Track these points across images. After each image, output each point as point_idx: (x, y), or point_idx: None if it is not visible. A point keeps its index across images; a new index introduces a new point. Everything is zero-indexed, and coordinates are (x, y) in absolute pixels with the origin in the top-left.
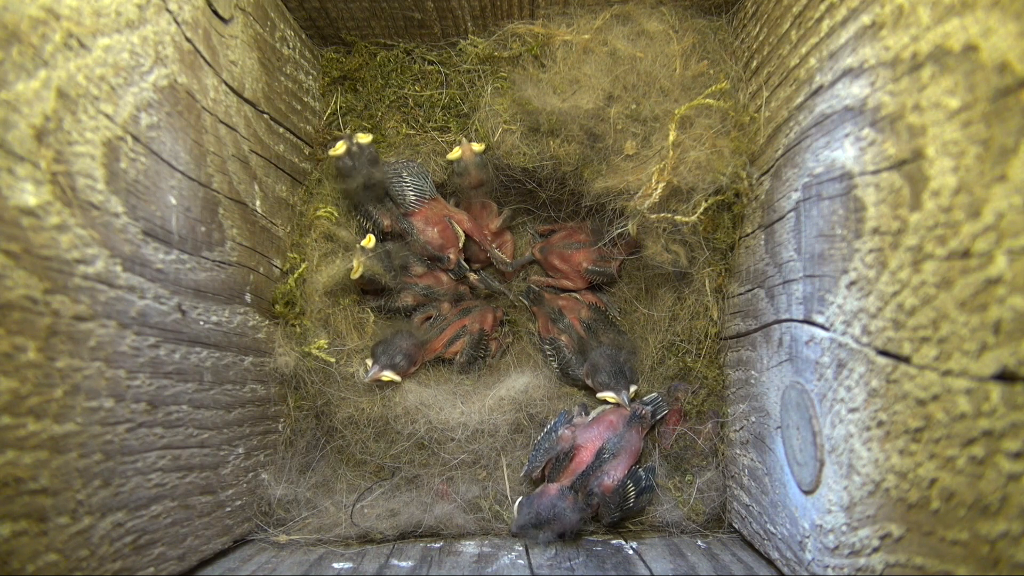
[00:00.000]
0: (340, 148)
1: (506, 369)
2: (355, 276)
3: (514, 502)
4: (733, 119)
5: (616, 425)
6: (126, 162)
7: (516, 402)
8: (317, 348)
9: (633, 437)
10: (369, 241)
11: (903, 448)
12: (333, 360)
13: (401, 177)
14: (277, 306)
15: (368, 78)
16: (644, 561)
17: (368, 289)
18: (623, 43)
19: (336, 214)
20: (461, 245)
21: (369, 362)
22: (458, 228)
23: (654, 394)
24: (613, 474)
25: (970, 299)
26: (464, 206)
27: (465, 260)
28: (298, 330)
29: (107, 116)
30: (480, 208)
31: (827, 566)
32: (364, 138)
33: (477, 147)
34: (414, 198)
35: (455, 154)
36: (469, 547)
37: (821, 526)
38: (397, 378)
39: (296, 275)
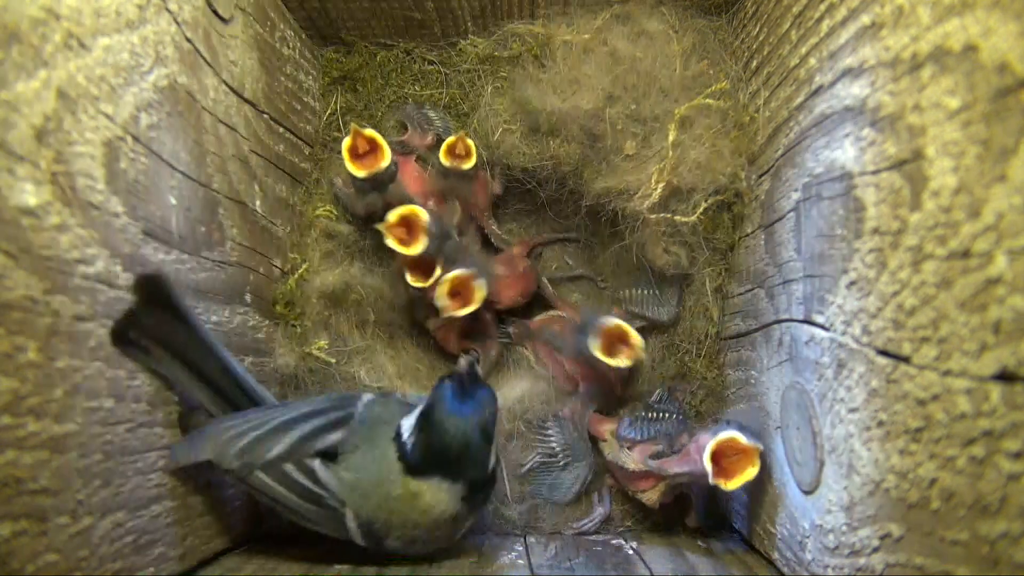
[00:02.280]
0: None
1: (505, 374)
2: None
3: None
4: (733, 119)
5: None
6: (126, 162)
7: (512, 412)
8: (317, 348)
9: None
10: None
11: (903, 448)
12: (333, 361)
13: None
14: (278, 307)
15: (368, 78)
16: (644, 561)
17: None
18: (623, 43)
19: (335, 212)
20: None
21: None
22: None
23: (659, 391)
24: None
25: (970, 299)
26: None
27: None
28: (298, 330)
29: (107, 116)
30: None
31: (827, 566)
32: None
33: (467, 163)
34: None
35: (443, 152)
36: (469, 547)
37: (821, 526)
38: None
39: (296, 275)
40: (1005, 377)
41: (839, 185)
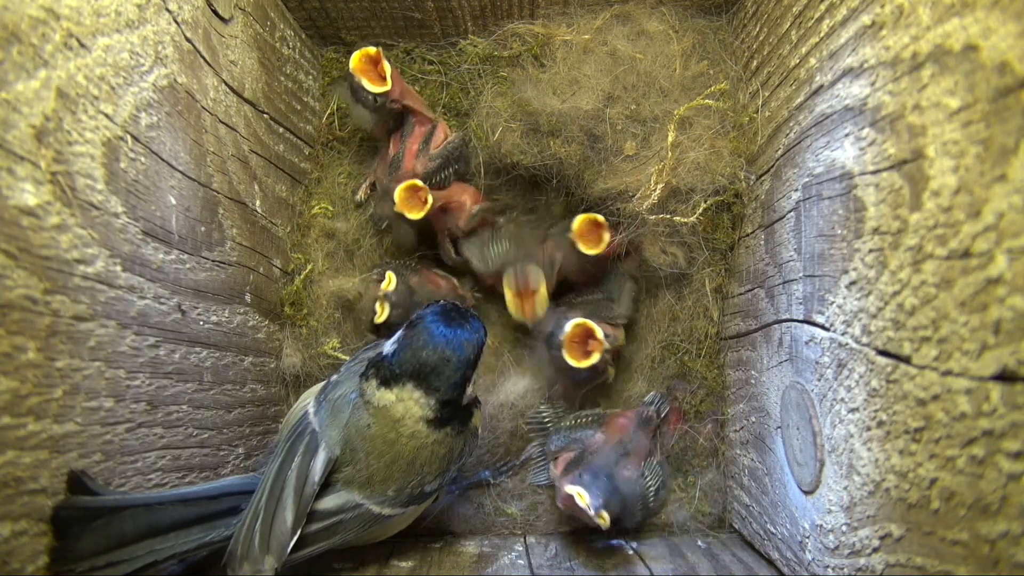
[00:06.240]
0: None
1: (504, 370)
2: (380, 320)
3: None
4: (732, 120)
5: (627, 427)
6: (126, 162)
7: (515, 408)
8: (331, 347)
9: (642, 439)
10: (389, 283)
11: (903, 448)
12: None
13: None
14: (286, 308)
15: None
16: (644, 561)
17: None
18: (623, 43)
19: (331, 209)
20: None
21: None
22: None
23: (653, 393)
24: (625, 473)
25: (970, 299)
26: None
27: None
28: (304, 331)
29: (107, 116)
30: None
31: (827, 566)
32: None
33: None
34: None
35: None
36: (469, 547)
37: (821, 526)
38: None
39: (303, 276)
40: (1005, 377)
41: (839, 185)
